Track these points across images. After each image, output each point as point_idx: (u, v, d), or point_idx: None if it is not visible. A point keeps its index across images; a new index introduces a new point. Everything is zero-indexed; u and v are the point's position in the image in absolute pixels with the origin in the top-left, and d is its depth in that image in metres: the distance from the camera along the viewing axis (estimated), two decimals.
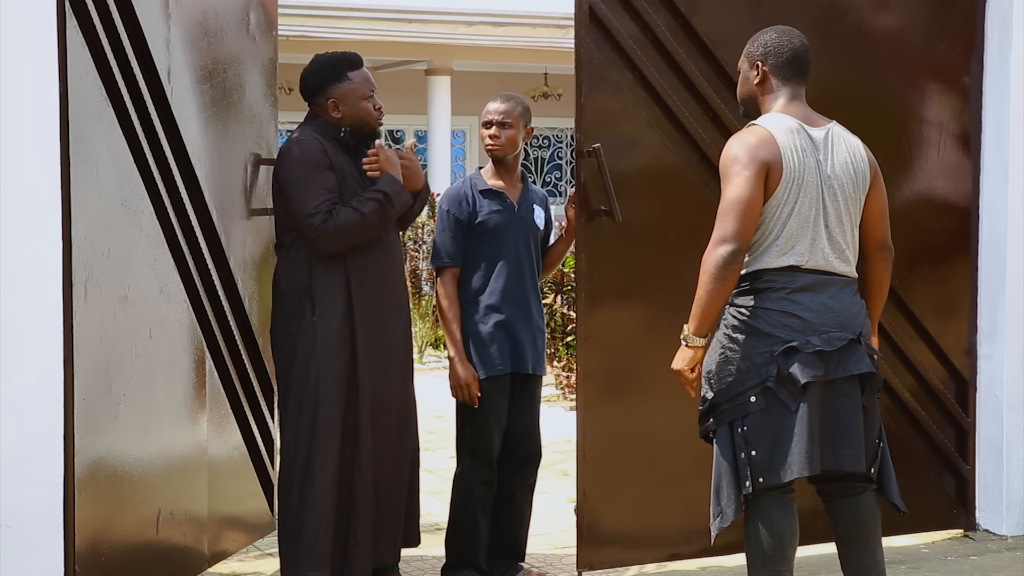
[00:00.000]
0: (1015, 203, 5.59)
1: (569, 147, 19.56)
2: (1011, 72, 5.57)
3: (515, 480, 4.99)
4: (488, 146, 4.91)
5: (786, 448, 3.95)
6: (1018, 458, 5.65)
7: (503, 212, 4.89)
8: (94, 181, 4.13)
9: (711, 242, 3.95)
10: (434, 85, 15.84)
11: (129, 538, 4.39)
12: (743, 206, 3.92)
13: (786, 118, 4.05)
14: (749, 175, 3.93)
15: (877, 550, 4.17)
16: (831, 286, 4.03)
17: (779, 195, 3.98)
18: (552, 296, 9.49)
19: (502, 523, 4.99)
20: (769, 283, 4.00)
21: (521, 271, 4.92)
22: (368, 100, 4.58)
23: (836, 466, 4.02)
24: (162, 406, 4.52)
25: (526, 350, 4.92)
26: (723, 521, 4.03)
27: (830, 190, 4.04)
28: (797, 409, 3.94)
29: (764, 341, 3.98)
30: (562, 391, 9.24)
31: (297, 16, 13.44)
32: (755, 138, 3.98)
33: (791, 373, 3.93)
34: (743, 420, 3.99)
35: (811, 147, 4.03)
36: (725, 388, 4.02)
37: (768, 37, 4.17)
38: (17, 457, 4.01)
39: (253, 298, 5.10)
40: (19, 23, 3.99)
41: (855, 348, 4.00)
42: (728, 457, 4.02)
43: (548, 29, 15.18)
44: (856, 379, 4.02)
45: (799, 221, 3.99)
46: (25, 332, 4.02)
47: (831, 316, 3.99)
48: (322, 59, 4.62)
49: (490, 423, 4.86)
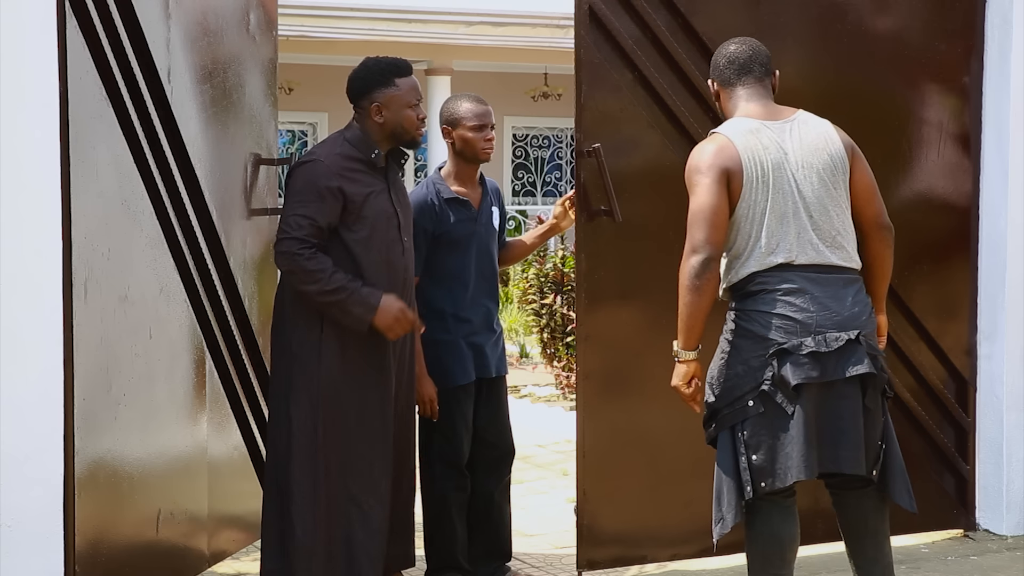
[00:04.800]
0: (1015, 203, 5.59)
1: (569, 147, 19.56)
2: (1011, 72, 5.57)
3: (491, 480, 4.98)
4: (487, 151, 4.86)
5: (784, 452, 3.95)
6: (1018, 458, 5.65)
7: (467, 222, 4.84)
8: (94, 181, 4.13)
9: (684, 255, 3.98)
10: (434, 85, 15.85)
11: (129, 538, 4.39)
12: (708, 213, 3.95)
13: (745, 120, 4.07)
14: (709, 182, 3.97)
15: (884, 543, 4.17)
16: (830, 285, 4.01)
17: (746, 197, 3.99)
18: (552, 296, 9.49)
19: (484, 525, 4.99)
20: (762, 285, 4.00)
21: (482, 278, 4.89)
22: (412, 109, 4.46)
23: (835, 469, 4.02)
24: (162, 406, 4.52)
25: (489, 356, 4.91)
26: (723, 527, 4.03)
27: (806, 179, 4.03)
28: (793, 412, 3.94)
29: (759, 344, 3.98)
30: (562, 391, 9.24)
31: (297, 16, 13.44)
32: (713, 146, 4.03)
33: (783, 375, 3.93)
34: (743, 424, 3.99)
35: (774, 143, 4.03)
36: (725, 392, 4.03)
37: (713, 57, 4.25)
38: (17, 457, 4.01)
39: (253, 298, 5.10)
40: (19, 23, 3.99)
41: (854, 349, 3.98)
42: (729, 462, 4.02)
43: (548, 29, 15.18)
44: (856, 380, 4.00)
45: (776, 217, 4.00)
46: (25, 332, 4.02)
47: (828, 316, 3.98)
48: (371, 62, 4.50)
49: (458, 430, 4.85)
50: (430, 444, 4.88)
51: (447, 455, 4.85)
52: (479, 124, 4.82)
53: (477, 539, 4.98)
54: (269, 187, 5.28)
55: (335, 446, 4.38)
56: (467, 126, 4.82)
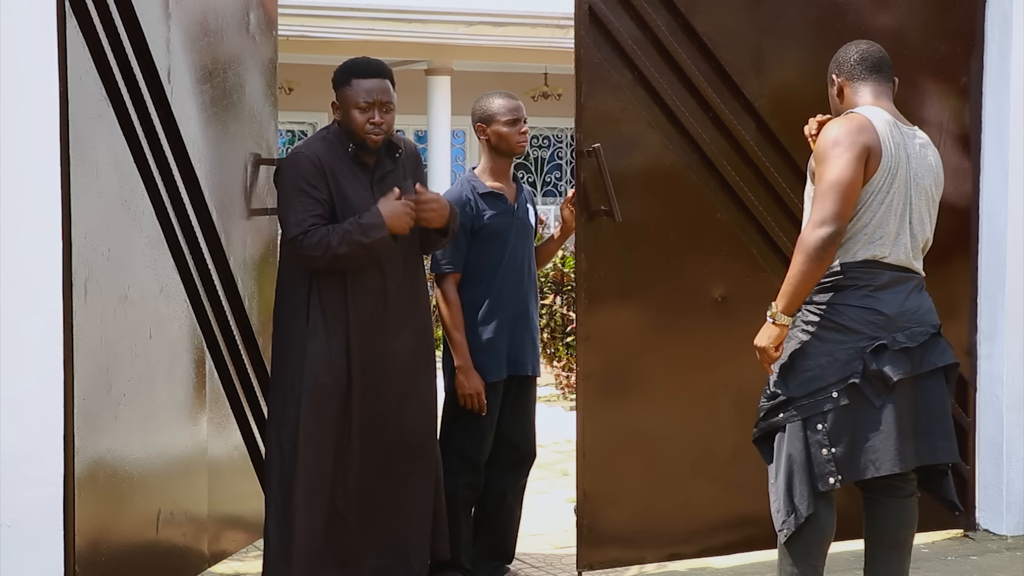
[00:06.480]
0: (1015, 203, 5.59)
1: (569, 147, 19.57)
2: (1011, 72, 5.57)
3: (507, 481, 4.98)
4: (522, 144, 4.92)
5: (868, 445, 3.95)
6: (1018, 458, 5.66)
7: (504, 215, 4.88)
8: (94, 181, 4.13)
9: (809, 223, 3.95)
10: (434, 85, 15.84)
11: (129, 538, 4.39)
12: (844, 187, 3.92)
13: (880, 110, 4.07)
14: (851, 157, 3.93)
15: (907, 558, 4.18)
16: (908, 284, 4.05)
17: (875, 182, 3.98)
18: (552, 296, 9.49)
19: (492, 525, 4.99)
20: (853, 280, 4.01)
21: (521, 273, 4.92)
22: (361, 111, 4.42)
23: (934, 460, 4.04)
24: (162, 406, 4.52)
25: (526, 353, 4.92)
26: (798, 519, 3.99)
27: (917, 188, 4.06)
28: (882, 406, 3.95)
29: (849, 337, 3.98)
30: (562, 391, 9.24)
31: (297, 16, 13.44)
32: (855, 124, 3.99)
33: (883, 371, 3.93)
34: (823, 416, 3.97)
35: (903, 142, 4.04)
36: (802, 383, 4.00)
37: (837, 52, 4.22)
38: (17, 457, 4.01)
39: (253, 298, 5.09)
40: (19, 23, 3.99)
41: (937, 341, 4.05)
42: (802, 454, 3.99)
43: (548, 29, 15.18)
44: (941, 372, 4.05)
45: (889, 211, 4.00)
46: (25, 332, 4.02)
47: (912, 312, 4.02)
48: (346, 61, 4.55)
49: (484, 428, 4.85)
50: (451, 437, 4.87)
51: (466, 451, 4.83)
52: (513, 119, 4.88)
53: (482, 537, 4.98)
54: (269, 187, 5.27)
55: (311, 443, 4.40)
56: (501, 121, 4.89)
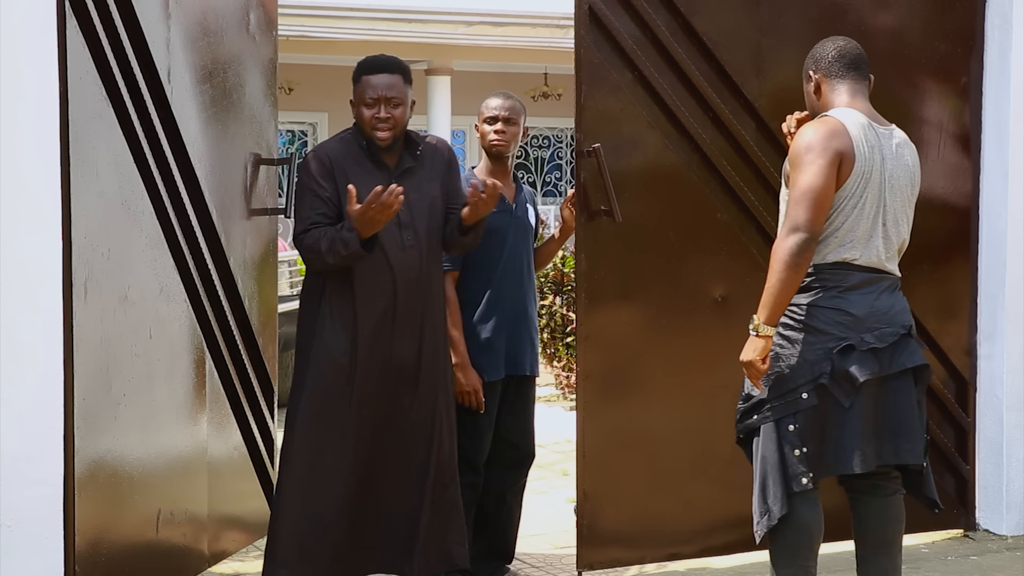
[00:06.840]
0: (1015, 203, 5.59)
1: (569, 147, 19.56)
2: (1011, 72, 5.57)
3: (506, 481, 4.98)
4: (494, 142, 4.89)
5: (837, 444, 3.96)
6: (1018, 458, 5.66)
7: (503, 213, 4.87)
8: (94, 181, 4.13)
9: (783, 230, 3.95)
10: (434, 85, 15.85)
11: (129, 538, 4.39)
12: (816, 195, 3.91)
13: (855, 112, 4.06)
14: (823, 163, 3.92)
15: (898, 556, 4.18)
16: (879, 285, 4.04)
17: (848, 187, 3.97)
18: (552, 296, 9.49)
19: (492, 524, 4.98)
20: (823, 282, 4.01)
21: (520, 272, 4.91)
22: (367, 107, 4.44)
23: (896, 461, 4.04)
24: (162, 406, 4.52)
25: (525, 352, 4.92)
26: (770, 520, 4.00)
27: (891, 189, 4.05)
28: (850, 406, 3.95)
29: (818, 338, 3.98)
30: (562, 391, 9.24)
31: (297, 16, 13.43)
32: (828, 128, 3.98)
33: (850, 372, 3.93)
34: (794, 417, 3.98)
35: (878, 144, 4.03)
36: (774, 385, 4.01)
37: (814, 48, 4.20)
38: (17, 457, 4.01)
39: (253, 298, 5.09)
40: (19, 23, 3.99)
41: (907, 342, 4.04)
42: (775, 455, 4.00)
43: (548, 29, 15.18)
44: (910, 373, 4.05)
45: (861, 215, 3.99)
46: (25, 332, 4.02)
47: (882, 313, 4.01)
48: (362, 59, 4.58)
49: (482, 427, 4.84)
50: None
51: (465, 451, 4.80)
52: (491, 116, 4.89)
53: (482, 537, 4.97)
54: (269, 187, 5.28)
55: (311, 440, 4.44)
56: (480, 118, 4.93)
